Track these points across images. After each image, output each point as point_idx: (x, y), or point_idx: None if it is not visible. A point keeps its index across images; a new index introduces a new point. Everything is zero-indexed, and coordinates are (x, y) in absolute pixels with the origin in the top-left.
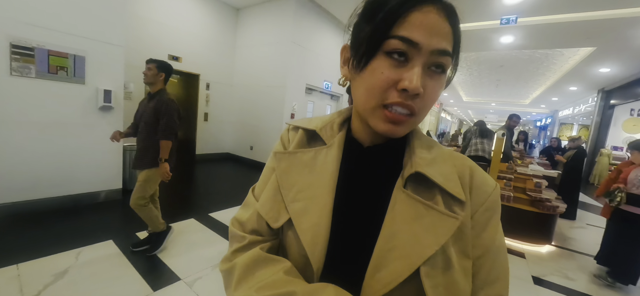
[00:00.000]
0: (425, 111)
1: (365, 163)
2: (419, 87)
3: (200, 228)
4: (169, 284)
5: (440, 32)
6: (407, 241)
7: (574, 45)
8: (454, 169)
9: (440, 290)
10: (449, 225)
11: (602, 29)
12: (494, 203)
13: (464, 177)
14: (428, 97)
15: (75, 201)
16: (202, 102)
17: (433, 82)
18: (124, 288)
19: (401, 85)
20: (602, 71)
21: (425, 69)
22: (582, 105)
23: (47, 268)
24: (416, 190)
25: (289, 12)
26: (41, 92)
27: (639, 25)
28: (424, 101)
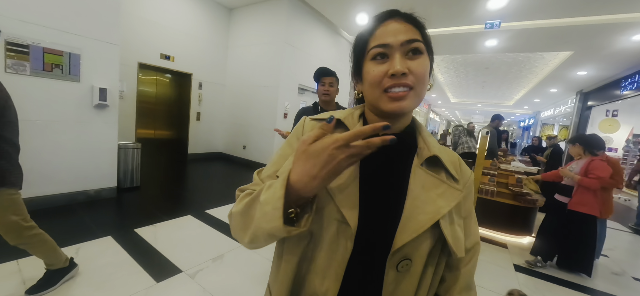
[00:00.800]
0: (420, 85)
1: (384, 148)
2: (402, 68)
3: (197, 224)
4: (171, 276)
5: (403, 30)
6: (427, 203)
7: (553, 49)
8: (450, 158)
9: (450, 236)
10: (456, 195)
11: (579, 34)
12: (471, 184)
13: (456, 164)
14: (416, 74)
15: (70, 199)
16: (194, 102)
17: (415, 62)
18: (128, 280)
19: (389, 72)
20: (579, 73)
21: (404, 57)
22: (562, 106)
23: None
24: (429, 168)
25: (281, 13)
26: (36, 90)
27: (612, 32)
28: (415, 76)
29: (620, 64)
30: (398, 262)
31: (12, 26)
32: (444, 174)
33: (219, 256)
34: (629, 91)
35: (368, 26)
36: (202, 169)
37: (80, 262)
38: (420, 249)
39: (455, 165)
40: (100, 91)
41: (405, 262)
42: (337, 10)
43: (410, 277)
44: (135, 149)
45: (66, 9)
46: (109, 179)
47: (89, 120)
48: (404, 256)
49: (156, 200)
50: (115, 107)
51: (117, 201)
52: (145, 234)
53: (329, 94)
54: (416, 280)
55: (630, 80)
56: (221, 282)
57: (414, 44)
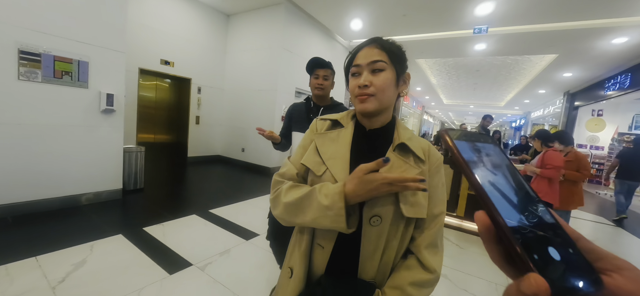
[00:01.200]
0: (380, 93)
1: (367, 139)
2: (365, 82)
3: (203, 223)
4: (183, 269)
5: (372, 54)
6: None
7: (539, 52)
8: (420, 145)
9: (408, 202)
10: (414, 171)
11: (562, 38)
12: (440, 165)
13: (425, 150)
14: (376, 85)
15: (77, 200)
16: (193, 106)
17: (376, 77)
18: (143, 273)
19: (358, 84)
20: (565, 75)
21: (370, 74)
22: (550, 106)
23: (65, 258)
24: (400, 153)
25: (278, 19)
26: (47, 96)
27: (593, 36)
28: (375, 87)
29: (603, 65)
30: (370, 218)
31: (26, 36)
32: (411, 157)
33: (226, 251)
34: (612, 91)
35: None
36: (202, 172)
37: (96, 258)
38: (386, 209)
39: (424, 150)
40: (108, 96)
41: (375, 218)
42: (332, 16)
43: (381, 230)
44: (139, 153)
45: (76, 19)
46: (115, 181)
47: (96, 124)
48: (375, 213)
49: (161, 201)
50: (121, 112)
51: (124, 202)
52: (154, 232)
53: (323, 88)
54: (385, 232)
55: (614, 81)
56: (229, 273)
57: (376, 64)
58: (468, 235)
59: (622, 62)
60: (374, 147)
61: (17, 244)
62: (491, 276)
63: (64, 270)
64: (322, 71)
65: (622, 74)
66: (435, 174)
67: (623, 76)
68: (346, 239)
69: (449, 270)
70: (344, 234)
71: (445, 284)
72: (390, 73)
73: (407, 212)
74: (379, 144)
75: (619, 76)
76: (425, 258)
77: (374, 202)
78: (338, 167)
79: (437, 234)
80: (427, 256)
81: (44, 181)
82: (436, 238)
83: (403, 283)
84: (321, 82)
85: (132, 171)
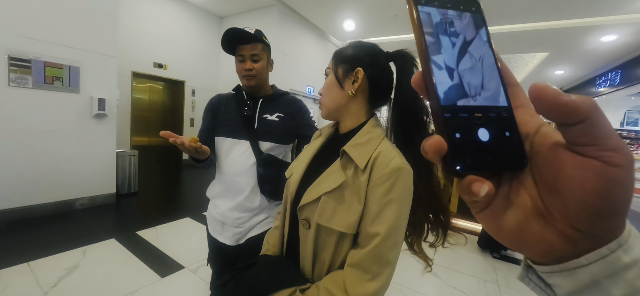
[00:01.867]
0: (323, 98)
1: (335, 144)
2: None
3: (196, 226)
4: (174, 272)
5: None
6: (323, 183)
7: (531, 51)
8: (370, 152)
9: (328, 210)
10: (339, 179)
11: (552, 36)
12: (386, 176)
13: (372, 157)
14: (323, 91)
15: (71, 205)
16: (188, 108)
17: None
18: (135, 277)
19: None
20: (557, 73)
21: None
22: None
23: (58, 264)
24: (344, 161)
25: (270, 20)
26: (38, 102)
27: (582, 34)
28: (322, 93)
29: (593, 63)
30: (301, 219)
31: (15, 42)
32: (353, 164)
33: None
34: (603, 88)
35: None
36: (197, 175)
37: (88, 263)
38: (312, 213)
39: (370, 159)
40: (99, 101)
41: (304, 221)
42: (325, 17)
43: (310, 235)
44: (132, 156)
45: (66, 24)
46: (108, 185)
47: (88, 129)
48: (304, 216)
49: (154, 204)
50: (114, 116)
51: (117, 206)
52: (146, 236)
53: (253, 73)
54: (312, 238)
55: (604, 78)
56: None
57: (327, 70)
58: (457, 234)
59: (612, 59)
60: (337, 152)
61: (9, 250)
62: (480, 274)
63: (56, 275)
64: (249, 49)
65: (612, 71)
66: (378, 187)
67: (613, 73)
68: (293, 233)
69: (438, 268)
70: (292, 229)
71: (434, 281)
72: (332, 77)
73: (320, 219)
74: (338, 150)
75: (609, 73)
76: (348, 277)
77: (303, 205)
78: (297, 170)
79: (368, 256)
80: (350, 276)
81: (37, 186)
82: (367, 260)
83: (323, 284)
84: (250, 66)
85: (125, 175)
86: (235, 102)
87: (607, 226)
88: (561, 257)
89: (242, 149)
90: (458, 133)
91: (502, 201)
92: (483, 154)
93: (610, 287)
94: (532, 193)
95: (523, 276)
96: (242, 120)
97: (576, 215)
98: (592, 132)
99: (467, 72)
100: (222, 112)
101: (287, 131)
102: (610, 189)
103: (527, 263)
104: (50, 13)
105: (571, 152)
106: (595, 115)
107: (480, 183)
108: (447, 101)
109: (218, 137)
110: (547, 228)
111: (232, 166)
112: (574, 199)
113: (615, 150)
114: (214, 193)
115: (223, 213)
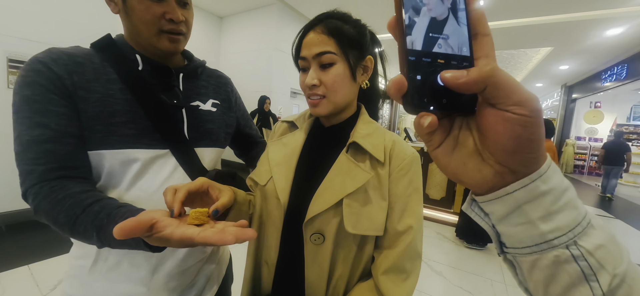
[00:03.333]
0: (332, 94)
1: (324, 138)
2: (311, 82)
3: None
4: None
5: (317, 42)
6: (337, 184)
7: (534, 46)
8: (382, 142)
9: (354, 214)
10: (363, 176)
11: (556, 30)
12: (407, 166)
13: (387, 148)
14: (327, 84)
15: None
16: None
17: (326, 73)
18: None
19: (306, 84)
20: (561, 68)
21: (319, 68)
22: (548, 100)
23: (58, 266)
24: (354, 154)
25: (271, 19)
26: None
27: (586, 28)
28: (325, 87)
29: (598, 57)
30: (311, 235)
31: (14, 44)
32: (367, 159)
33: None
34: (609, 83)
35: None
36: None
37: None
38: (329, 225)
39: (386, 149)
40: None
41: (317, 236)
42: None
43: (324, 250)
44: None
45: (65, 26)
46: None
47: None
48: (316, 230)
49: None
50: None
51: None
52: None
53: (182, 29)
54: (329, 253)
55: (610, 72)
56: None
57: (323, 56)
58: None
59: (618, 53)
60: (330, 147)
61: (9, 253)
62: (487, 273)
63: (56, 278)
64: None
65: (618, 65)
66: (400, 178)
67: (619, 67)
68: (292, 256)
69: (445, 267)
70: (288, 250)
71: (440, 281)
72: (342, 66)
73: (351, 227)
74: (336, 143)
75: (615, 67)
76: (383, 285)
77: (314, 217)
78: (281, 174)
79: (403, 255)
80: (386, 283)
81: None
82: (402, 260)
83: None
84: (180, 15)
85: None
86: (122, 77)
87: (521, 160)
88: (492, 187)
89: (167, 168)
90: (419, 75)
91: (452, 141)
92: (439, 96)
93: (530, 211)
94: (475, 136)
95: (467, 207)
96: (156, 113)
97: (497, 153)
98: (496, 94)
99: (437, 21)
100: (94, 95)
101: (227, 129)
102: (516, 132)
103: (471, 197)
104: (49, 14)
105: (490, 107)
106: (493, 82)
107: (427, 116)
108: (413, 45)
109: (106, 150)
110: (483, 164)
111: (148, 200)
112: (494, 141)
113: (519, 104)
114: (103, 267)
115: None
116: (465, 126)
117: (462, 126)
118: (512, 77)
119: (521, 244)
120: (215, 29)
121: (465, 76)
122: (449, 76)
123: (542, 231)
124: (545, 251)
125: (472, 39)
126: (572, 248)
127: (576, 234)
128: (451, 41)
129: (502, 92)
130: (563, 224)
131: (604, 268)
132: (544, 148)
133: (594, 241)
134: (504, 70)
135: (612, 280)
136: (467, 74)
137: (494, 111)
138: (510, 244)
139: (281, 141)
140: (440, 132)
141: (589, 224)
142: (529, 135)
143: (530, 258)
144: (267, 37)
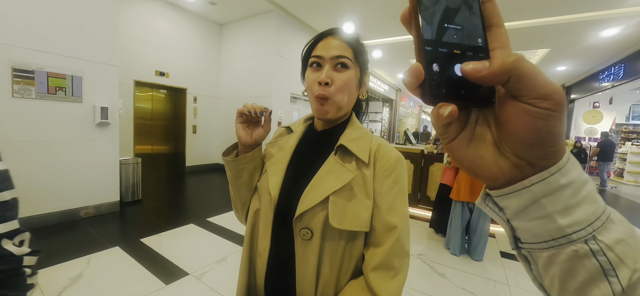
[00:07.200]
0: (338, 94)
1: (316, 141)
2: (326, 78)
3: (200, 232)
4: (179, 278)
5: (335, 46)
6: (325, 183)
7: (531, 48)
8: (368, 145)
9: (340, 211)
10: (348, 175)
11: (552, 32)
12: (391, 167)
13: (373, 150)
14: (337, 84)
15: (75, 214)
16: (190, 115)
17: (339, 74)
18: (139, 284)
19: (318, 80)
20: (559, 69)
21: (332, 69)
22: None
23: (62, 273)
24: (342, 156)
25: (270, 26)
26: (41, 112)
27: (581, 29)
28: (335, 86)
29: (595, 58)
30: (299, 230)
31: (19, 54)
32: (353, 160)
33: (223, 259)
34: (607, 83)
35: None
36: (201, 181)
37: (92, 271)
38: (316, 220)
39: (371, 151)
40: (102, 110)
41: (305, 231)
42: (323, 20)
43: (312, 245)
44: (135, 164)
45: (68, 35)
46: (112, 193)
47: (91, 138)
48: (304, 225)
49: (158, 212)
50: (116, 125)
51: (121, 214)
52: (151, 243)
53: None
54: (317, 248)
55: (607, 72)
56: (226, 281)
57: (340, 59)
58: None
59: (615, 53)
60: (320, 150)
61: None
62: (490, 274)
63: (60, 285)
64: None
65: (615, 65)
66: (385, 178)
67: (617, 67)
68: (283, 251)
69: (446, 269)
70: (280, 245)
71: (442, 283)
72: (353, 73)
73: (336, 223)
74: (326, 146)
75: (612, 67)
76: (373, 282)
77: (303, 213)
78: (273, 171)
79: (390, 253)
80: (376, 280)
81: (41, 196)
82: (390, 257)
83: None
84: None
85: (129, 183)
86: None
87: (541, 154)
88: (510, 180)
89: None
90: (436, 65)
91: (468, 133)
92: (456, 87)
93: (548, 205)
94: (492, 128)
95: (481, 202)
96: None
97: (516, 146)
98: (519, 86)
99: (451, 12)
100: None
101: None
102: (537, 125)
103: (485, 191)
104: (53, 25)
105: (512, 98)
106: (517, 74)
107: (446, 105)
108: (430, 35)
109: None
110: (500, 157)
111: None
112: (513, 133)
113: (544, 97)
114: None
115: None
116: (482, 117)
117: (479, 118)
118: (536, 67)
119: (538, 239)
120: (216, 37)
121: (487, 68)
122: (470, 68)
123: (561, 225)
124: (563, 246)
125: (485, 30)
126: (591, 242)
127: (595, 229)
128: (465, 32)
129: (526, 84)
130: (582, 218)
131: (623, 263)
132: (564, 141)
133: (614, 235)
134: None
135: (632, 275)
136: (490, 65)
137: (515, 102)
138: (525, 239)
139: (277, 143)
140: (456, 124)
141: (609, 218)
142: (550, 128)
143: (547, 253)
144: (266, 43)
